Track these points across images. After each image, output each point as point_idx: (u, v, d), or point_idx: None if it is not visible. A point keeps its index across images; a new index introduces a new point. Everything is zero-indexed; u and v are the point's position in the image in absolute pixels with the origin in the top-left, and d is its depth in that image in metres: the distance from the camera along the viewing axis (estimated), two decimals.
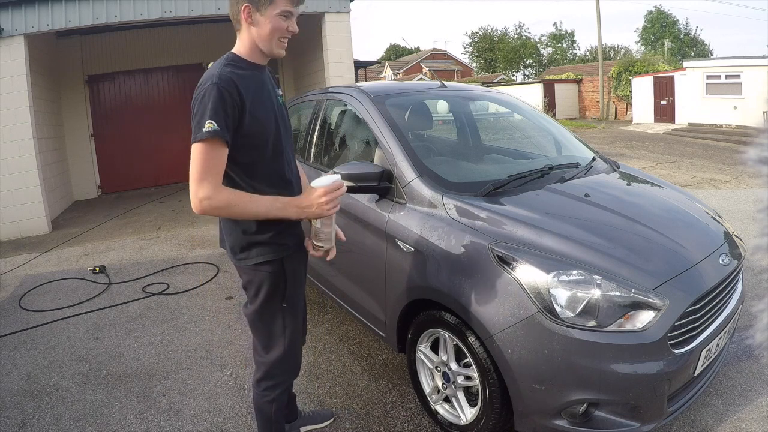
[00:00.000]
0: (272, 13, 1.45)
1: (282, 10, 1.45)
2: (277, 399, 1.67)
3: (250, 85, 1.47)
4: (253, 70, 1.52)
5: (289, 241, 1.58)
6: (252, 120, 1.45)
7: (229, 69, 1.44)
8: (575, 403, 1.63)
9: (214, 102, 1.35)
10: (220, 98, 1.36)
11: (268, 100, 1.55)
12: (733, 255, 1.99)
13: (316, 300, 3.56)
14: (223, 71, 1.42)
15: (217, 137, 1.35)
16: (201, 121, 1.35)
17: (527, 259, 1.71)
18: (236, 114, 1.40)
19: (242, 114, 1.42)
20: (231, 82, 1.40)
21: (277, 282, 1.56)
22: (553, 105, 22.45)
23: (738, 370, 2.41)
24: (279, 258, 1.55)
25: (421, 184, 2.14)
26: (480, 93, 3.49)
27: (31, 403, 2.46)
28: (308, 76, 8.75)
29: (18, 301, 3.86)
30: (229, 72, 1.43)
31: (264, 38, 1.48)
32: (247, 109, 1.43)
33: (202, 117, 1.35)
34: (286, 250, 1.57)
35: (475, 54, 51.06)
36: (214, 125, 1.34)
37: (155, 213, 7.01)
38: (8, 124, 6.06)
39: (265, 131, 1.50)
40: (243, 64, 1.50)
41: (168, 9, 6.38)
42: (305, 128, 3.29)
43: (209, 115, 1.34)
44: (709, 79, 15.76)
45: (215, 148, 1.37)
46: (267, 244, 1.53)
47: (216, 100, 1.35)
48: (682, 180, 7.21)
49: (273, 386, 1.66)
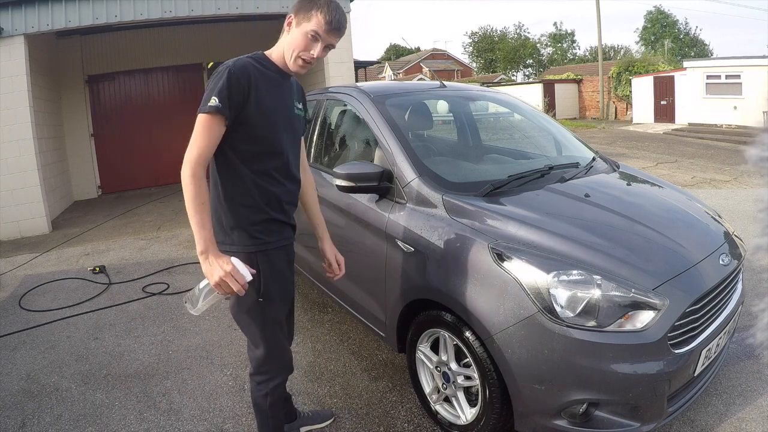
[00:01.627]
0: (305, 29, 1.51)
1: (313, 30, 1.51)
2: (271, 393, 1.69)
3: (263, 80, 1.53)
4: (275, 73, 1.58)
5: (266, 236, 1.60)
6: (257, 111, 1.51)
7: (249, 60, 1.53)
8: (575, 403, 1.63)
9: (223, 83, 1.44)
10: (228, 80, 1.45)
11: (282, 103, 1.61)
12: (733, 255, 1.99)
13: (317, 300, 3.56)
14: (242, 59, 1.52)
15: (218, 113, 1.43)
16: (208, 96, 1.45)
17: (527, 259, 1.71)
18: (240, 98, 1.47)
19: (246, 100, 1.48)
20: (244, 70, 1.48)
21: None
22: (553, 105, 22.45)
23: (738, 370, 2.41)
24: (253, 251, 1.57)
25: (421, 184, 2.14)
26: (480, 93, 3.49)
27: (31, 403, 2.46)
28: (308, 76, 8.73)
29: (18, 301, 3.86)
30: (247, 62, 1.52)
31: (287, 48, 1.55)
32: (252, 98, 1.49)
33: (210, 93, 1.45)
34: (260, 245, 1.58)
35: (475, 54, 51.08)
36: (216, 101, 1.43)
37: (155, 213, 7.01)
38: (8, 124, 6.07)
39: (268, 127, 1.55)
40: (267, 63, 1.58)
41: (168, 9, 6.38)
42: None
43: (216, 92, 1.44)
44: (709, 79, 15.76)
45: (213, 123, 1.45)
46: (242, 233, 1.56)
47: (225, 81, 1.44)
48: (682, 180, 7.21)
49: (266, 381, 1.69)
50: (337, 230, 2.60)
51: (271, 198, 1.59)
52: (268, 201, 1.59)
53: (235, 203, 1.56)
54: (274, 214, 1.61)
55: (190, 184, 1.42)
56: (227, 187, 1.56)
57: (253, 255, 1.57)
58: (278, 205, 1.62)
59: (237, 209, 1.56)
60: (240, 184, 1.56)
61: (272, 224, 1.61)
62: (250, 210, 1.57)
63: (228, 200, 1.56)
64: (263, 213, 1.58)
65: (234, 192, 1.56)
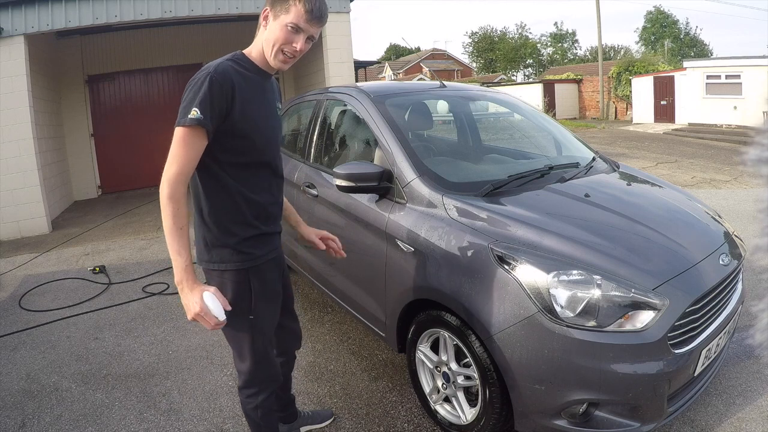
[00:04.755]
0: (283, 21, 1.41)
1: (292, 22, 1.40)
2: (261, 405, 1.65)
3: (246, 85, 1.43)
4: (255, 74, 1.48)
5: (257, 250, 1.51)
6: (241, 119, 1.41)
7: (229, 63, 1.42)
8: (575, 403, 1.63)
9: (204, 92, 1.33)
10: (210, 89, 1.34)
11: (265, 107, 1.52)
12: (733, 255, 1.99)
13: (317, 300, 3.56)
14: (222, 64, 1.40)
15: (199, 126, 1.33)
16: (188, 107, 1.33)
17: (527, 259, 1.71)
18: (224, 108, 1.37)
19: (231, 109, 1.38)
20: (226, 75, 1.38)
21: (242, 294, 1.50)
22: (553, 105, 22.44)
23: (738, 370, 2.41)
24: (244, 268, 1.49)
25: (421, 184, 2.14)
26: (480, 93, 3.49)
27: (31, 403, 2.46)
28: (308, 76, 8.75)
29: (18, 301, 3.86)
30: (228, 66, 1.40)
31: (266, 44, 1.44)
32: (236, 106, 1.39)
33: (189, 103, 1.34)
34: (253, 260, 1.50)
35: (475, 54, 51.06)
36: (197, 113, 1.32)
37: (155, 213, 7.01)
38: (8, 124, 6.06)
39: (253, 136, 1.46)
40: (247, 65, 1.47)
41: (168, 9, 6.38)
42: (305, 128, 3.29)
43: (196, 103, 1.33)
44: (709, 79, 15.76)
45: (195, 136, 1.35)
46: (230, 250, 1.47)
47: (206, 90, 1.33)
48: (682, 180, 7.21)
49: (254, 393, 1.64)
50: (337, 230, 2.60)
51: (260, 210, 1.51)
52: (257, 214, 1.51)
53: (221, 219, 1.46)
54: (264, 227, 1.53)
55: (167, 206, 1.33)
56: (211, 203, 1.46)
57: (243, 272, 1.49)
58: (266, 216, 1.55)
59: (223, 226, 1.46)
60: (225, 198, 1.46)
61: (262, 237, 1.53)
62: (238, 226, 1.47)
63: (212, 216, 1.46)
64: (252, 228, 1.50)
65: (219, 207, 1.46)
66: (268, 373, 1.65)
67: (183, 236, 1.36)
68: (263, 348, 1.61)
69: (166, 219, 1.34)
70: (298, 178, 3.05)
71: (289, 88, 9.87)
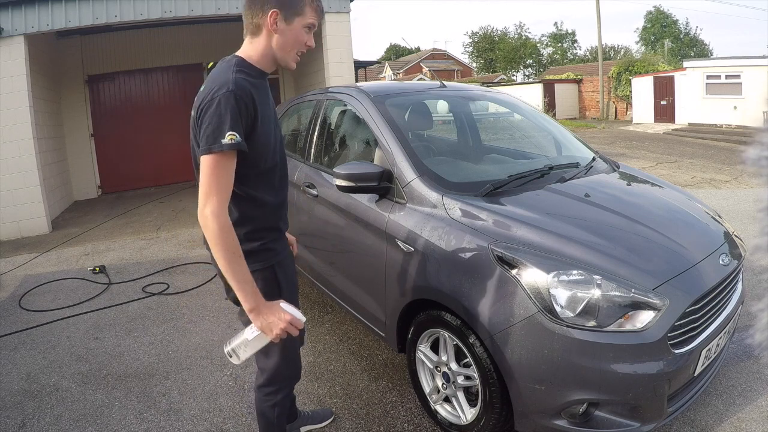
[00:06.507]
0: (299, 24, 1.41)
1: (309, 23, 1.43)
2: (279, 403, 1.66)
3: (259, 94, 1.40)
4: (260, 79, 1.46)
5: (277, 246, 1.55)
6: (262, 129, 1.40)
7: (242, 76, 1.37)
8: (575, 403, 1.63)
9: (233, 112, 1.27)
10: (237, 108, 1.29)
11: (272, 108, 1.53)
12: (733, 255, 1.99)
13: (317, 300, 3.56)
14: (238, 79, 1.34)
15: (237, 150, 1.29)
16: (219, 131, 1.26)
17: (527, 259, 1.71)
18: (249, 124, 1.35)
19: (254, 125, 1.36)
20: (246, 91, 1.33)
21: (272, 290, 1.51)
22: (553, 105, 22.44)
23: (738, 370, 2.41)
24: (270, 265, 1.52)
25: (421, 184, 2.14)
26: (480, 93, 3.49)
27: (31, 403, 2.46)
28: (308, 76, 8.74)
29: (18, 301, 3.85)
30: (242, 80, 1.35)
31: (284, 48, 1.43)
32: (258, 119, 1.37)
33: (219, 127, 1.26)
34: (276, 256, 1.54)
35: (475, 54, 51.08)
36: (236, 137, 1.26)
37: (155, 213, 7.01)
38: (8, 124, 6.06)
39: (270, 138, 1.46)
40: (253, 72, 1.43)
41: (168, 9, 6.38)
42: (305, 128, 3.29)
43: (230, 125, 1.26)
44: (709, 79, 15.77)
45: (231, 159, 1.30)
46: (256, 252, 1.48)
47: (234, 109, 1.28)
48: (682, 180, 7.21)
49: (275, 391, 1.65)
50: (337, 230, 2.60)
51: (276, 209, 1.54)
52: (274, 213, 1.54)
53: (245, 225, 1.45)
54: (280, 224, 1.58)
55: (220, 239, 1.26)
56: (234, 215, 1.42)
57: (270, 269, 1.52)
58: (281, 214, 1.58)
59: (248, 232, 1.46)
60: (246, 205, 1.45)
61: (280, 234, 1.58)
62: (262, 229, 1.49)
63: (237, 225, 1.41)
64: (273, 227, 1.54)
65: (243, 218, 1.45)
66: (293, 369, 1.68)
67: (243, 263, 1.32)
68: (292, 343, 1.62)
69: (223, 252, 1.28)
70: (298, 178, 3.05)
71: (289, 88, 9.86)
